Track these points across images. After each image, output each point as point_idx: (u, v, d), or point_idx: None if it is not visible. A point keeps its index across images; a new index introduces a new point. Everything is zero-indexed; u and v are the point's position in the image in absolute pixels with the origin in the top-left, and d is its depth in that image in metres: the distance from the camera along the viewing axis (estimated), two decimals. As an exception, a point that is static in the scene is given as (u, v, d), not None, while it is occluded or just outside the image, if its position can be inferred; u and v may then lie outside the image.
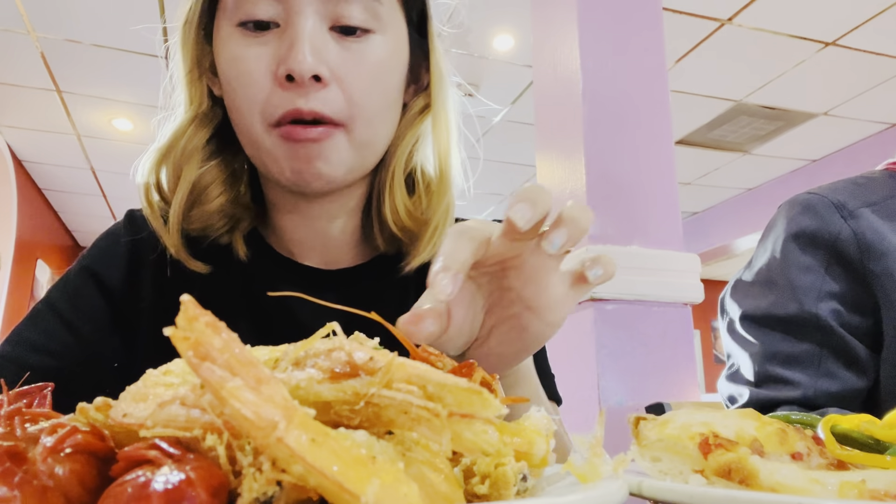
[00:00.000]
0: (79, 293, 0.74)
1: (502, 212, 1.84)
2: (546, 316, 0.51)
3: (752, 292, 1.01)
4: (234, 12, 0.65)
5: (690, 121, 4.75)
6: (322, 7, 0.64)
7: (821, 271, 0.95)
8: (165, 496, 0.22)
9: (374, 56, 0.67)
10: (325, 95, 0.64)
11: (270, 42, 0.64)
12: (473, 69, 4.02)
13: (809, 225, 0.98)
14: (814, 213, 0.98)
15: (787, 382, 0.93)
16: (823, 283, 0.95)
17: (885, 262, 0.92)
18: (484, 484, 0.31)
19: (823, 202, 0.98)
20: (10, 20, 3.39)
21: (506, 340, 0.54)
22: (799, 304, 0.94)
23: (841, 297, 0.94)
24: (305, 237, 0.78)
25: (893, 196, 0.98)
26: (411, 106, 0.77)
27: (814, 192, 1.02)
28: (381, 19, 0.67)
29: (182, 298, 0.25)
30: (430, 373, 0.29)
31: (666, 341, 2.19)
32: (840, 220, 0.96)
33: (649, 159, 2.31)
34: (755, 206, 6.11)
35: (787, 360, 0.94)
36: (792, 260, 0.98)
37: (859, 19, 3.61)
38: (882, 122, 4.89)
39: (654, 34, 2.44)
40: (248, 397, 0.24)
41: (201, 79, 0.73)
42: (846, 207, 0.96)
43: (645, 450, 0.42)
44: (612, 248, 2.15)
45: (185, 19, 0.72)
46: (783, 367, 0.94)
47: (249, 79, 0.64)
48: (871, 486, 0.33)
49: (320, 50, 0.63)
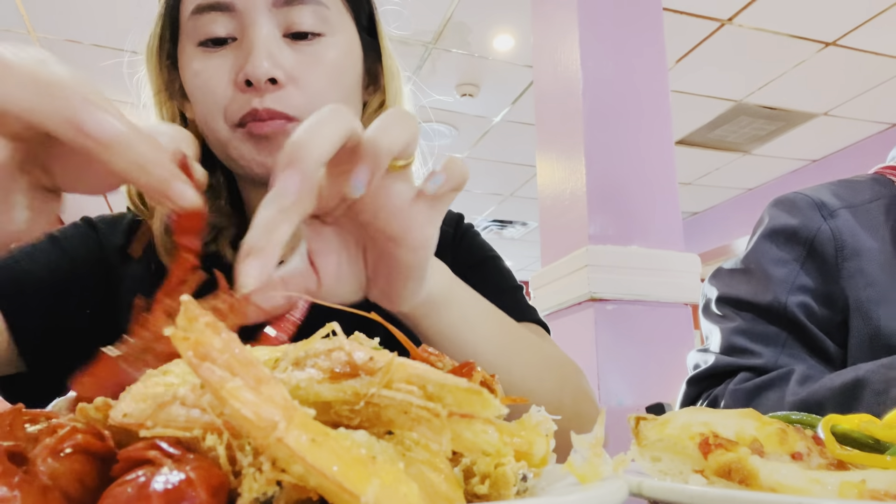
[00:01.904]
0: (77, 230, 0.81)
1: (503, 212, 1.85)
2: (406, 241, 0.48)
3: (731, 279, 1.06)
4: (193, 34, 0.71)
5: (690, 121, 4.75)
6: (274, 17, 0.69)
7: (796, 266, 1.00)
8: (165, 496, 0.23)
9: (327, 57, 0.72)
10: (281, 95, 0.69)
11: (229, 54, 0.70)
12: (473, 69, 4.02)
13: (790, 221, 1.02)
14: (796, 210, 1.03)
15: (751, 353, 0.98)
16: (797, 277, 0.99)
17: (858, 262, 0.97)
18: (484, 484, 0.31)
19: (806, 201, 1.03)
20: (10, 20, 3.39)
21: (389, 276, 0.51)
22: (773, 294, 0.99)
23: (813, 292, 0.99)
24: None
25: (875, 199, 1.03)
26: (370, 103, 0.83)
27: (799, 192, 1.06)
28: (329, 23, 0.72)
29: (182, 299, 0.25)
30: (429, 373, 0.29)
31: (666, 341, 2.19)
32: (820, 218, 1.00)
33: (649, 159, 2.31)
34: (755, 206, 6.10)
35: (754, 336, 0.99)
36: (770, 253, 1.03)
37: (859, 19, 3.61)
38: (882, 122, 4.89)
39: (654, 34, 2.44)
40: (247, 397, 0.24)
41: (171, 100, 0.79)
42: (827, 207, 1.01)
43: (645, 450, 0.42)
44: (612, 248, 2.15)
45: (147, 47, 0.78)
46: (750, 340, 0.99)
47: (211, 87, 0.70)
48: (871, 486, 0.33)
49: (275, 55, 0.68)
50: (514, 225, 7.01)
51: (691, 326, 2.27)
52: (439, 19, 3.49)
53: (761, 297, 1.00)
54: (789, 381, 0.89)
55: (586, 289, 2.08)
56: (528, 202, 6.24)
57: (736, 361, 0.98)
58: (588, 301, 2.11)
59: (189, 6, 0.71)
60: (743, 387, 0.94)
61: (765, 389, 0.91)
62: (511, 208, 6.49)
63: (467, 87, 4.22)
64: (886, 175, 1.08)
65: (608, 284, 2.11)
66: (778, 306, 0.98)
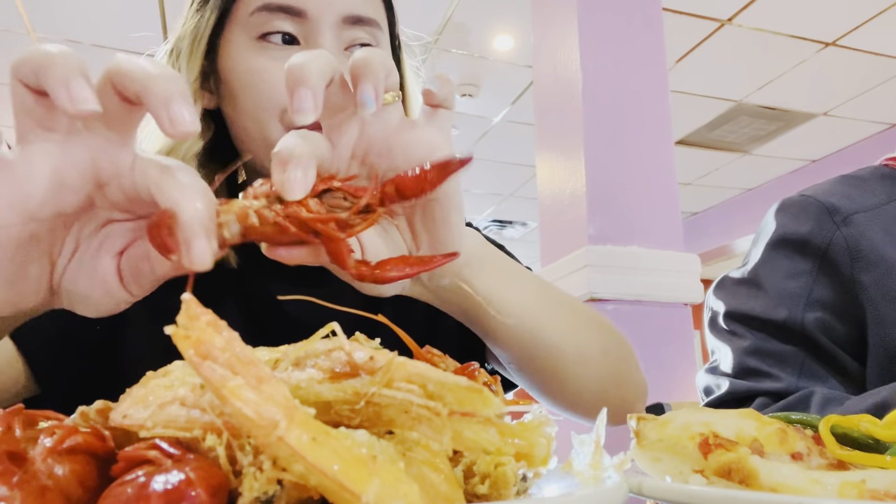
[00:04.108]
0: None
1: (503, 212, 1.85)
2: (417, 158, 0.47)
3: (739, 292, 0.99)
4: (254, 28, 0.71)
5: (690, 121, 4.75)
6: (340, 31, 0.72)
7: (809, 279, 0.93)
8: (165, 496, 0.23)
9: None
10: None
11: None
12: (473, 69, 4.02)
13: (799, 229, 0.95)
14: (805, 217, 0.95)
15: (768, 375, 0.91)
16: (812, 291, 0.92)
17: (875, 273, 0.89)
18: (484, 484, 0.31)
19: (816, 206, 0.95)
20: (10, 20, 3.39)
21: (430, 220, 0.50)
22: (787, 310, 0.92)
23: (829, 306, 0.91)
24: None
25: (890, 201, 0.95)
26: None
27: (807, 195, 0.98)
28: (381, 45, 0.76)
29: (183, 297, 0.25)
30: (430, 372, 0.29)
31: (666, 341, 2.19)
32: (832, 225, 0.93)
33: (649, 159, 2.31)
34: (755, 206, 6.10)
35: (770, 356, 0.92)
36: (780, 265, 0.95)
37: (859, 19, 3.61)
38: (882, 122, 4.89)
39: (654, 34, 2.44)
40: (249, 396, 0.24)
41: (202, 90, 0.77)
42: (839, 212, 0.93)
43: (645, 450, 0.42)
44: (612, 248, 2.15)
45: (193, 35, 0.76)
46: (765, 362, 0.92)
47: (275, 86, 0.70)
48: (871, 486, 0.33)
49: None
50: (513, 225, 7.01)
51: (691, 326, 2.27)
52: (439, 19, 3.49)
53: (774, 313, 0.93)
54: (810, 407, 0.83)
55: (586, 289, 2.08)
56: (527, 202, 6.24)
57: (753, 386, 0.91)
58: (588, 301, 2.11)
59: (254, 2, 0.71)
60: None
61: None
62: (511, 208, 6.49)
63: (467, 88, 4.22)
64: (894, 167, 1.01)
65: (608, 285, 2.11)
66: (793, 324, 0.91)
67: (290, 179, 0.39)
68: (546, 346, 0.63)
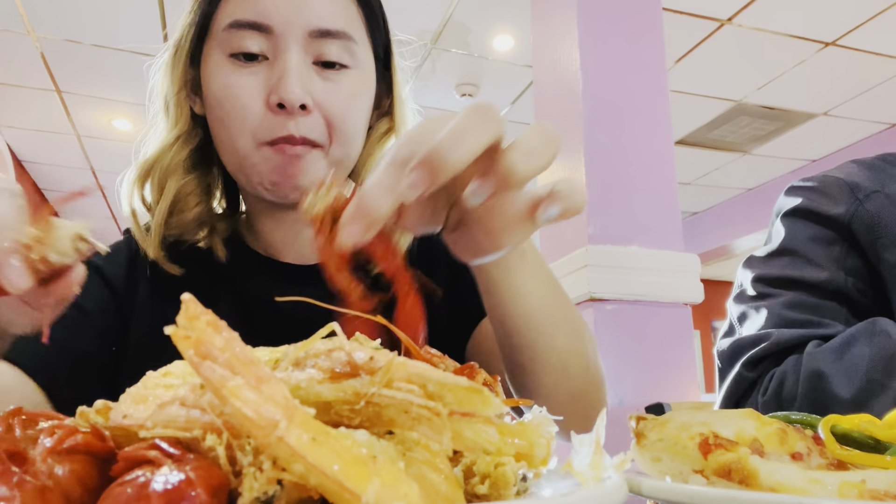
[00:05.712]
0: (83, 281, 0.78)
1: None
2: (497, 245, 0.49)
3: (772, 262, 0.97)
4: (225, 44, 0.74)
5: (690, 121, 4.75)
6: (306, 45, 0.73)
7: (843, 247, 0.92)
8: (165, 496, 0.22)
9: (350, 88, 0.76)
10: (309, 121, 0.73)
11: (260, 72, 0.73)
12: (473, 69, 4.02)
13: (822, 203, 0.94)
14: (830, 192, 0.94)
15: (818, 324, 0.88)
16: (846, 257, 0.91)
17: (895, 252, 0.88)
18: (484, 484, 0.31)
19: (839, 183, 0.95)
20: (10, 20, 3.39)
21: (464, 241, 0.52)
22: (827, 272, 0.90)
23: (861, 275, 0.90)
24: (284, 237, 0.84)
25: None
26: (376, 128, 0.87)
27: (828, 174, 0.98)
28: (355, 56, 0.77)
29: (183, 297, 0.25)
30: (430, 372, 0.29)
31: (666, 341, 2.19)
32: (856, 200, 0.92)
33: (649, 159, 2.31)
34: (755, 206, 6.11)
35: (814, 309, 0.90)
36: (810, 231, 0.94)
37: (859, 19, 3.61)
38: (882, 122, 4.89)
39: (654, 34, 2.44)
40: (249, 396, 0.24)
41: (187, 98, 0.81)
42: (861, 189, 0.93)
43: (645, 450, 0.42)
44: (612, 248, 2.15)
45: (176, 44, 0.79)
46: (812, 313, 0.89)
47: (242, 103, 0.73)
48: (871, 486, 0.33)
49: (306, 82, 0.73)
50: (513, 225, 7.00)
51: (691, 326, 2.27)
52: (439, 19, 3.49)
53: (812, 274, 0.91)
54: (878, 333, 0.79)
55: (586, 289, 2.08)
56: (527, 202, 6.23)
57: (804, 332, 0.87)
58: (588, 301, 2.11)
59: (225, 19, 0.74)
60: (825, 347, 0.83)
61: (851, 345, 0.80)
62: (511, 208, 6.48)
63: (467, 87, 4.22)
64: None
65: (608, 284, 2.11)
66: (836, 284, 0.89)
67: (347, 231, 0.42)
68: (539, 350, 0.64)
